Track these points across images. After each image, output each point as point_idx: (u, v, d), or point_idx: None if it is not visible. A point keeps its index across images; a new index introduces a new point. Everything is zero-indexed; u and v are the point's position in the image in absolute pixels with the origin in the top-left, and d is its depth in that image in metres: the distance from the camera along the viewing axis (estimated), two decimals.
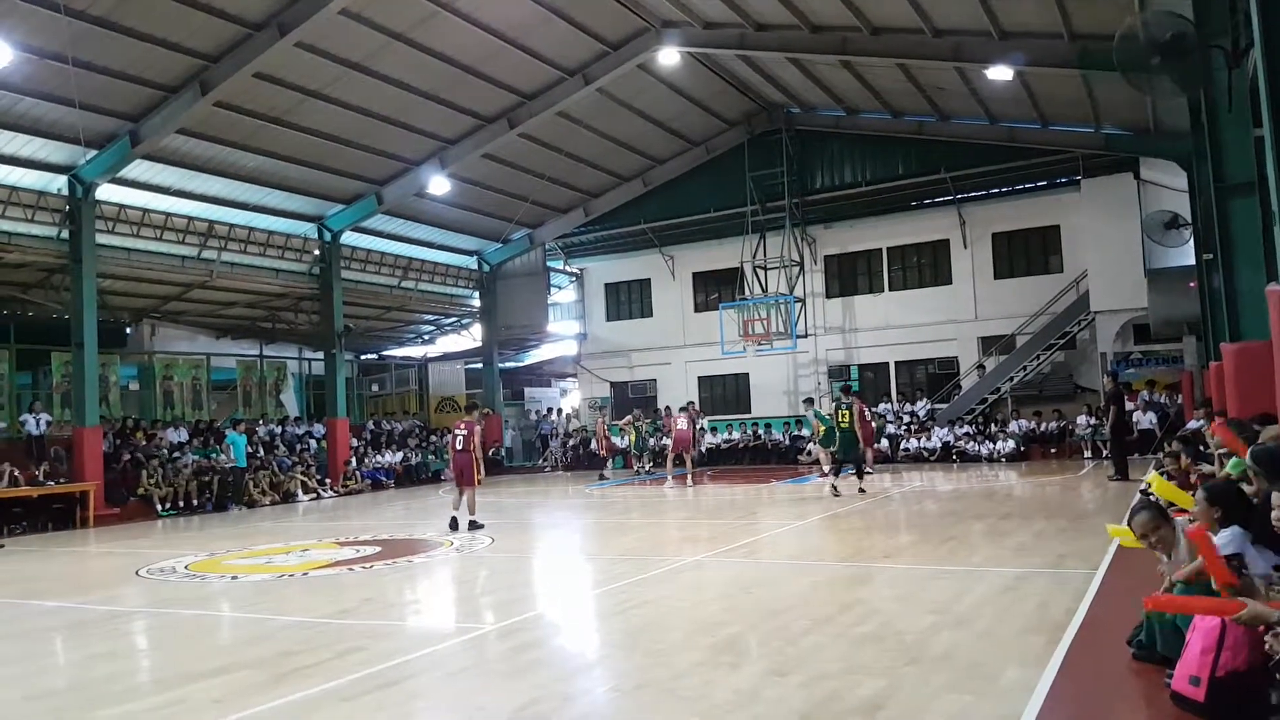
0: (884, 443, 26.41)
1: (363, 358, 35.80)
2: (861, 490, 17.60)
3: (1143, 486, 14.00)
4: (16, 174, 19.80)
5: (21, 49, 16.28)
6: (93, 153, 19.84)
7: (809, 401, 22.61)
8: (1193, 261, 20.65)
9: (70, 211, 20.32)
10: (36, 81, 17.58)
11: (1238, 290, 12.38)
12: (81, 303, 20.27)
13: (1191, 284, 20.96)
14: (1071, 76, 20.91)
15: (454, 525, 14.65)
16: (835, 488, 17.41)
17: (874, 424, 22.65)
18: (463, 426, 15.23)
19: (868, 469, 19.95)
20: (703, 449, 28.78)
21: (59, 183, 20.34)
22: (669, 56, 23.39)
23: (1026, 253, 28.12)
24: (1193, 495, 9.30)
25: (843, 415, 17.84)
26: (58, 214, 20.38)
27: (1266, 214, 11.03)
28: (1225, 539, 5.53)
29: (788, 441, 28.49)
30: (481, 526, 14.58)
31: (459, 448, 15.06)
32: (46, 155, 19.72)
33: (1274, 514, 4.94)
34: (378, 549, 12.95)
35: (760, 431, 29.24)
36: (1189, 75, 11.44)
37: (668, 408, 27.31)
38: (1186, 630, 5.01)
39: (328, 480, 24.95)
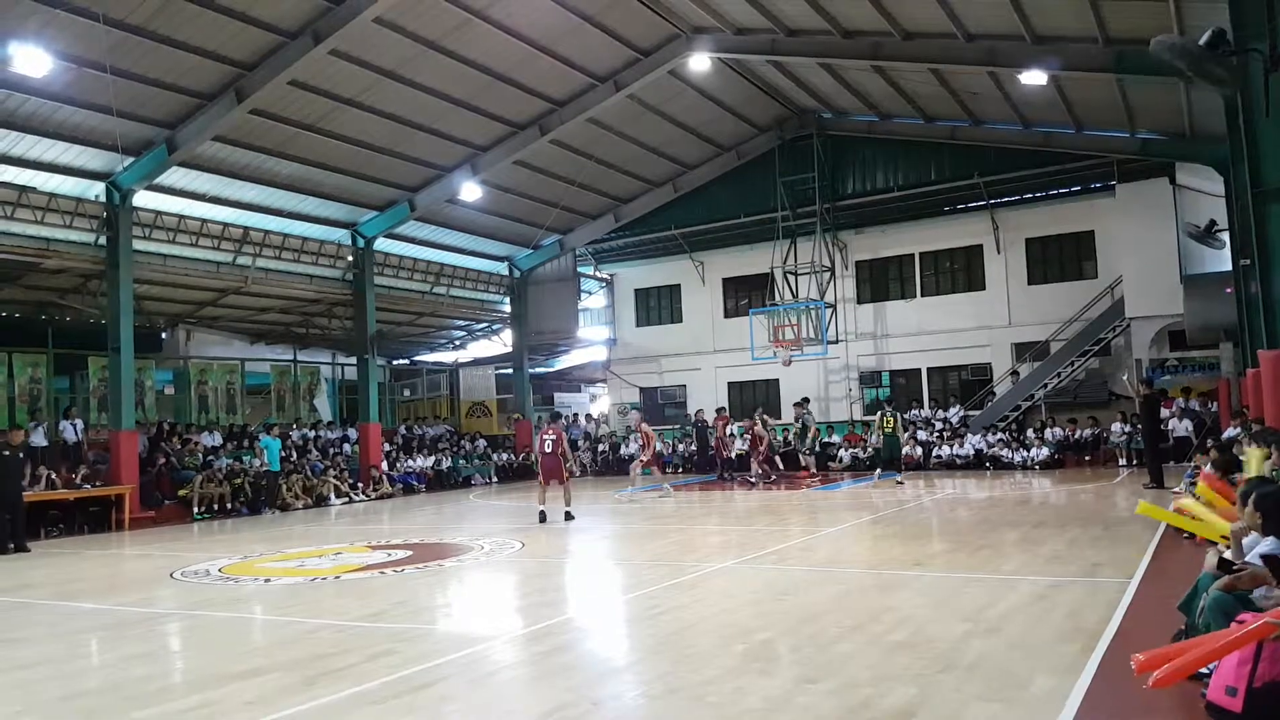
0: (917, 450, 26.30)
1: (395, 363, 36.02)
2: (899, 482, 20.80)
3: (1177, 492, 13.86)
4: (55, 181, 20.07)
5: (61, 58, 16.53)
6: (130, 160, 20.09)
7: (805, 402, 24.61)
8: (1229, 267, 20.41)
9: (107, 218, 20.57)
10: (75, 89, 17.83)
11: (1275, 296, 12.26)
12: (118, 308, 20.50)
13: (1228, 290, 20.72)
14: (1106, 81, 20.71)
15: (543, 518, 16.21)
16: (900, 482, 20.80)
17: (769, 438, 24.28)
18: (551, 432, 16.85)
19: (750, 478, 23.10)
20: (733, 455, 28.75)
21: (96, 189, 20.60)
22: (700, 62, 23.38)
23: (1061, 258, 27.88)
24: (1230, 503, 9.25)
25: (886, 421, 21.39)
26: (95, 220, 20.62)
27: None
28: (1270, 545, 5.49)
29: (817, 448, 28.30)
30: (574, 518, 16.24)
31: (548, 450, 16.53)
32: (84, 162, 19.98)
33: None
34: (409, 553, 13.01)
35: (790, 437, 29.10)
36: (1224, 80, 11.35)
37: (720, 409, 27.50)
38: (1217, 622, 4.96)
39: (360, 484, 25.09)
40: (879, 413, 22.64)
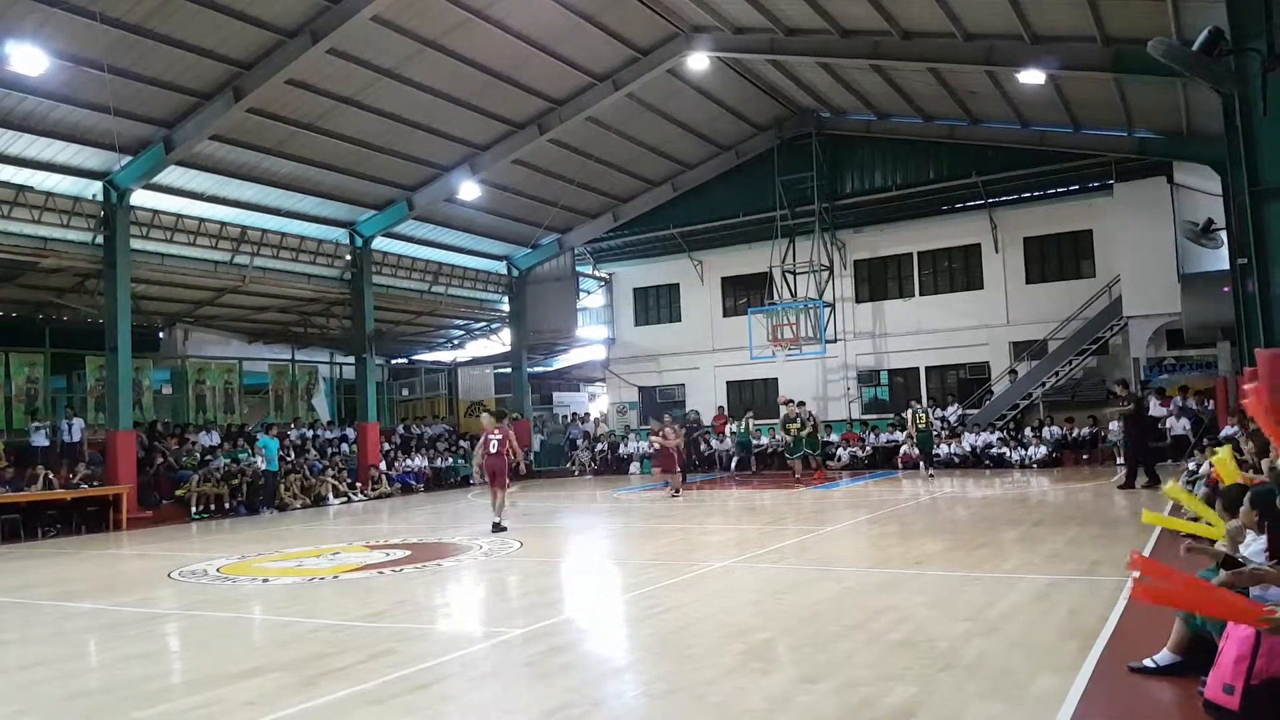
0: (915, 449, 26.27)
1: (393, 362, 35.99)
2: (930, 476, 22.64)
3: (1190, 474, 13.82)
4: (52, 180, 20.03)
5: (58, 57, 16.49)
6: (127, 159, 20.06)
7: (801, 405, 24.56)
8: (1227, 266, 20.41)
9: (105, 217, 20.56)
10: (72, 88, 17.80)
11: (1272, 295, 12.27)
12: (116, 307, 20.49)
13: (1225, 289, 20.72)
14: (1104, 80, 20.73)
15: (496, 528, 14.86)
16: (932, 476, 22.70)
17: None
18: (497, 431, 15.60)
19: (674, 492, 20.72)
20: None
21: (94, 188, 20.57)
22: (699, 62, 23.38)
23: (1059, 257, 27.89)
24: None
25: (920, 418, 22.92)
26: (93, 219, 20.60)
27: None
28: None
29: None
30: (504, 529, 14.76)
31: (493, 450, 15.38)
32: (82, 161, 19.96)
33: None
34: (407, 553, 13.00)
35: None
36: (1222, 79, 11.38)
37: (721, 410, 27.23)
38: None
39: (358, 484, 25.07)
40: (910, 410, 23.65)
